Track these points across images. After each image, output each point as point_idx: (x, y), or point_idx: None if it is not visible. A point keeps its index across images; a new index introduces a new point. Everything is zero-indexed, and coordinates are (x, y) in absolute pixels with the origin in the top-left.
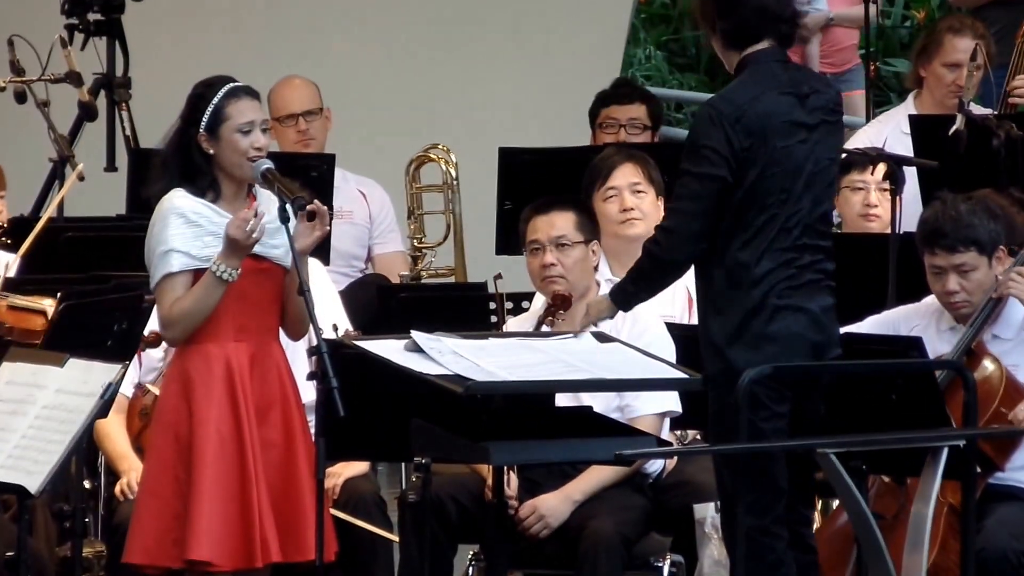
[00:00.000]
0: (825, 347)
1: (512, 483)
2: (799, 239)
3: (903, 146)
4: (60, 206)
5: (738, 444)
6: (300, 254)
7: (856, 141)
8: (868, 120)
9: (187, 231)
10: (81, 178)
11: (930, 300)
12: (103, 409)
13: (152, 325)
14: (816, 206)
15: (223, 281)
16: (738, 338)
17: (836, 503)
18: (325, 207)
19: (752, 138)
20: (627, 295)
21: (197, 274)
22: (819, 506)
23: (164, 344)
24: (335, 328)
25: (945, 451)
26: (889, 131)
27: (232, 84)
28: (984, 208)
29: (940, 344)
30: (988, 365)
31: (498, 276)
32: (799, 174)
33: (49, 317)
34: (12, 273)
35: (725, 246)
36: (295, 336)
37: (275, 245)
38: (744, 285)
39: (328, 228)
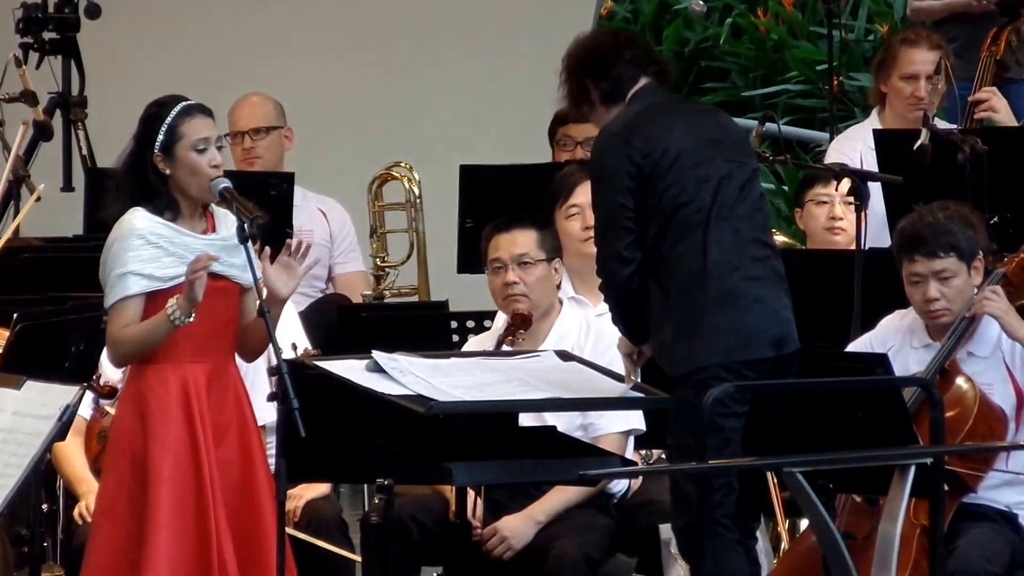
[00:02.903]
0: (784, 341)
1: (475, 504)
2: (742, 231)
3: (873, 162)
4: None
5: (700, 462)
6: (275, 303)
7: (828, 157)
8: (831, 135)
9: (146, 253)
10: (38, 199)
11: (900, 318)
12: (61, 431)
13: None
14: (744, 199)
15: (172, 324)
16: (698, 332)
17: (804, 523)
18: (306, 242)
19: (650, 144)
20: (629, 334)
21: (155, 295)
22: (786, 525)
23: (121, 371)
24: (294, 347)
25: (912, 469)
26: (860, 146)
27: (185, 103)
28: (961, 216)
29: (913, 363)
30: (962, 384)
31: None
32: (712, 167)
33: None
34: None
35: (666, 250)
36: (249, 358)
37: (232, 264)
38: (696, 280)
39: (299, 271)
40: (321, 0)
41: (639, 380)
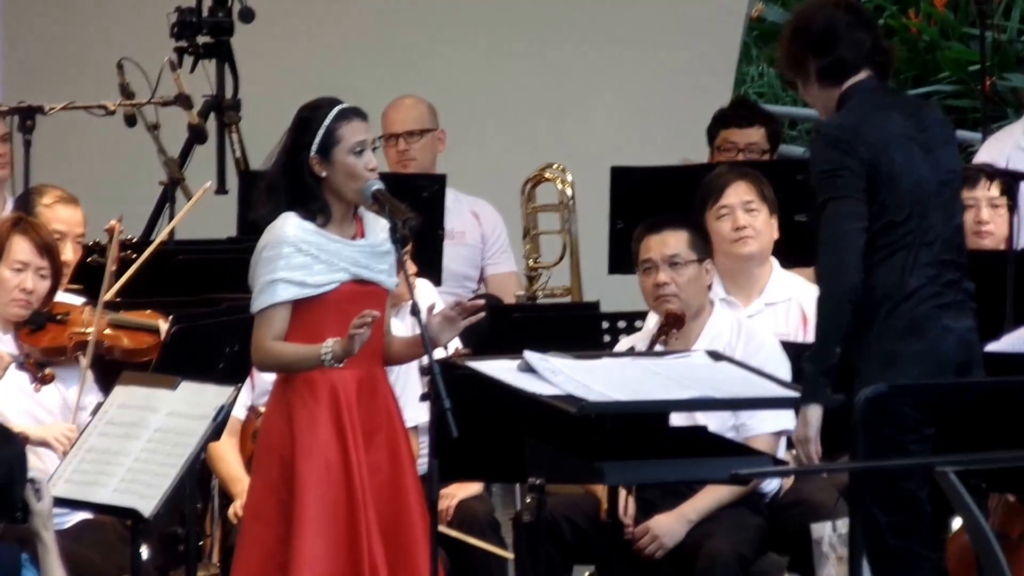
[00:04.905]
0: (969, 367)
1: (627, 503)
2: (940, 254)
3: (1022, 162)
4: (171, 229)
5: (857, 463)
6: (435, 346)
7: (977, 159)
8: (984, 136)
9: (297, 260)
10: (188, 195)
11: None
12: (216, 432)
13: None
14: (949, 219)
15: (321, 363)
16: (888, 358)
17: (955, 523)
18: (476, 304)
19: (873, 152)
20: (822, 360)
21: (303, 301)
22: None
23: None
24: (445, 347)
25: None
26: (1009, 148)
27: (341, 105)
28: None
29: None
30: None
31: None
32: (926, 185)
33: (161, 335)
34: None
35: (869, 267)
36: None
37: (381, 269)
38: (892, 304)
39: (461, 327)
40: (473, 0)
41: None
